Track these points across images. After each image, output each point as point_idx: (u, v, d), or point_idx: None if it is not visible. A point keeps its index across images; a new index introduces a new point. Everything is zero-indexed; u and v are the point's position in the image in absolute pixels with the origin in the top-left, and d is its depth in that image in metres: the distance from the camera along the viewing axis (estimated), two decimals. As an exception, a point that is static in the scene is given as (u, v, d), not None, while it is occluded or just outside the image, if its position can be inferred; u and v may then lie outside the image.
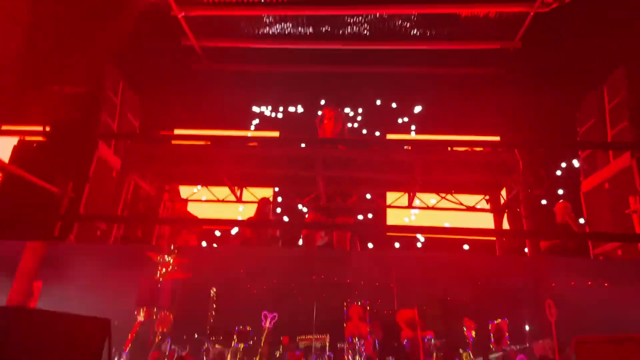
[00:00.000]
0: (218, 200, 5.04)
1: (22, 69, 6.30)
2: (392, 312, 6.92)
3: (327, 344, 6.84)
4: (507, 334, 5.93)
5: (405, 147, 4.45)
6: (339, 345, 6.67)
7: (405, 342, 6.45)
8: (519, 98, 8.38)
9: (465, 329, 6.08)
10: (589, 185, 5.82)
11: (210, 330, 7.30)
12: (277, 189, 7.00)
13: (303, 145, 5.76)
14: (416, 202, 5.60)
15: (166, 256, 6.24)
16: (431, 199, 4.95)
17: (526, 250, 5.68)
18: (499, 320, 5.78)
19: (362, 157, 4.32)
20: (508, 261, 6.05)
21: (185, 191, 5.12)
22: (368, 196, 5.71)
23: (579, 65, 7.28)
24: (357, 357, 6.20)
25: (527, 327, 5.88)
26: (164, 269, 6.53)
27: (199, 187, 5.65)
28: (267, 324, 6.92)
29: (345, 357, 6.26)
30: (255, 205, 7.09)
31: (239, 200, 4.97)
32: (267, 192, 7.12)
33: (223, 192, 5.23)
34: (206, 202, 4.81)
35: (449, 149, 4.37)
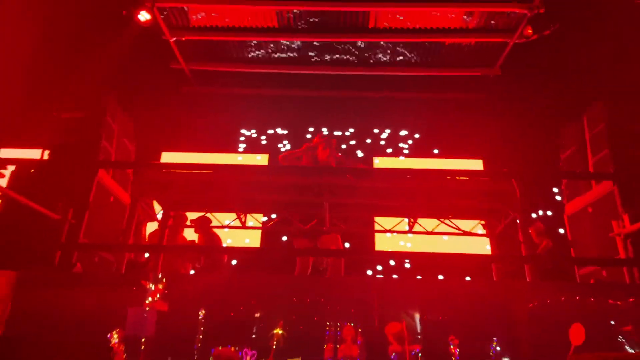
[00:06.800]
0: (223, 226, 5.08)
1: (20, 94, 6.24)
2: (375, 331, 6.99)
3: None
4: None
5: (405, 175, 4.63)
6: None
7: (393, 356, 6.52)
8: (499, 122, 8.72)
9: (451, 346, 6.19)
10: (572, 209, 6.09)
11: (198, 355, 7.23)
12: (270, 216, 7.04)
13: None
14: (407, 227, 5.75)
15: (151, 284, 6.21)
16: (426, 223, 5.12)
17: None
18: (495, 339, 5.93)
19: (367, 184, 4.45)
20: (495, 285, 6.21)
21: (191, 217, 5.17)
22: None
23: (559, 93, 7.66)
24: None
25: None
26: (150, 298, 6.46)
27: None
28: (247, 361, 6.81)
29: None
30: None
31: (243, 226, 5.02)
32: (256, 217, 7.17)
33: (226, 218, 5.27)
34: (217, 227, 4.88)
35: (448, 177, 4.56)
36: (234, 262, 7.34)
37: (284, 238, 7.80)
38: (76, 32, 6.80)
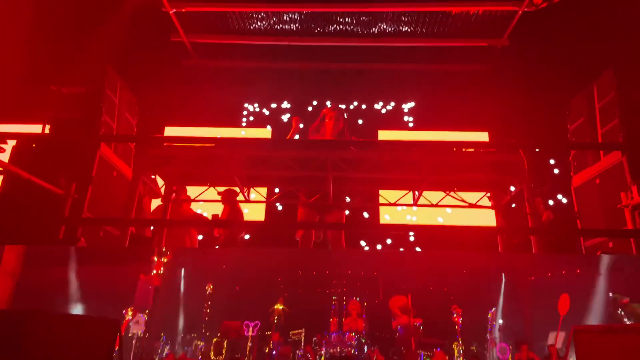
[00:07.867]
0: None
1: (20, 68, 6.17)
2: (378, 304, 7.05)
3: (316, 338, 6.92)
4: (494, 324, 6.12)
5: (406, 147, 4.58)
6: (313, 339, 6.75)
7: (399, 328, 6.57)
8: (506, 94, 8.57)
9: (454, 316, 6.26)
10: (579, 181, 6.01)
11: (205, 328, 7.35)
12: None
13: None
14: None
15: (155, 258, 6.26)
16: (431, 196, 5.07)
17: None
18: (494, 309, 6.00)
19: (371, 157, 4.38)
20: (498, 257, 6.23)
21: (193, 191, 5.17)
22: (348, 199, 5.67)
23: (568, 64, 7.49)
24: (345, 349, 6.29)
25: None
26: (155, 270, 6.52)
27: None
28: (250, 333, 6.97)
29: (333, 350, 6.35)
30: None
31: (247, 200, 5.00)
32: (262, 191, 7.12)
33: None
34: (213, 202, 4.90)
35: (454, 149, 4.48)
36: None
37: (279, 207, 7.77)
38: (76, 5, 6.68)
